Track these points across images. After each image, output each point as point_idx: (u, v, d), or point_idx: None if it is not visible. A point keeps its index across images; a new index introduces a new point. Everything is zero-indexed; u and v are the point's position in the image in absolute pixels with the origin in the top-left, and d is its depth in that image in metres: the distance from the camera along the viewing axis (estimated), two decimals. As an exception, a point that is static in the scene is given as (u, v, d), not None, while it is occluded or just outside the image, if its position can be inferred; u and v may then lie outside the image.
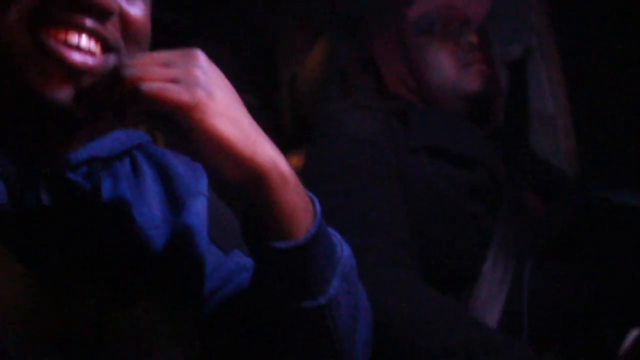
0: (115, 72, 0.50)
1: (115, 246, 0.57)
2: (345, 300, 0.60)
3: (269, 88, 1.94)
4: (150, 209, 0.62)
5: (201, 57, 0.53)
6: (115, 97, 0.50)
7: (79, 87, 0.51)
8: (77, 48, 0.51)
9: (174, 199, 0.64)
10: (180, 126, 0.50)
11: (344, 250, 0.62)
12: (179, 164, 0.68)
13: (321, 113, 1.23)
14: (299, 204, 0.56)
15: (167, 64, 0.51)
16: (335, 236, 0.63)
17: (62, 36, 0.50)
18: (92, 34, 0.51)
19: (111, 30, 0.53)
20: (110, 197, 0.59)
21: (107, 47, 0.53)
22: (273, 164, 0.54)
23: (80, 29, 0.51)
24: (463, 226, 1.02)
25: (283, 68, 1.91)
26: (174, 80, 0.50)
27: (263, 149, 0.53)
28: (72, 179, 0.56)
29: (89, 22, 0.51)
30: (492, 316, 0.95)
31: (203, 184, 0.68)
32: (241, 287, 0.65)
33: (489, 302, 0.96)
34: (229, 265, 0.67)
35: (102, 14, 0.52)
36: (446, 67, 1.15)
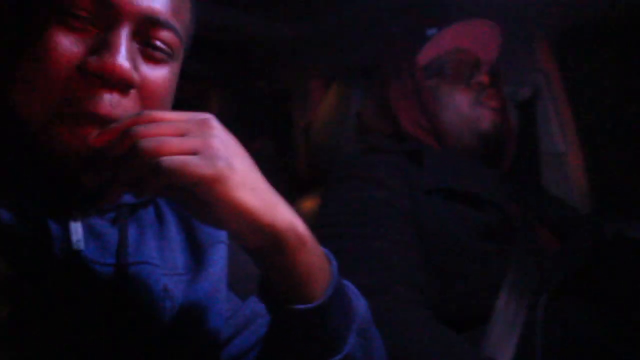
0: (129, 142, 0.49)
1: (138, 294, 0.58)
2: (361, 355, 0.60)
3: (285, 134, 1.98)
4: (174, 256, 0.64)
5: (217, 126, 0.52)
6: (131, 171, 0.49)
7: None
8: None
9: (196, 247, 0.66)
10: (199, 198, 0.49)
11: (360, 305, 0.62)
12: None
13: (337, 157, 1.26)
14: (315, 264, 0.55)
15: (183, 133, 0.50)
16: (352, 291, 0.63)
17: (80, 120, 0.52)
18: (110, 120, 0.52)
19: (129, 103, 0.54)
20: (135, 242, 0.60)
21: None
22: (291, 228, 0.52)
23: (99, 123, 0.52)
24: (476, 266, 1.03)
25: (298, 114, 1.96)
26: (193, 152, 0.48)
27: (282, 214, 0.52)
28: (99, 224, 0.58)
29: (107, 104, 0.52)
30: (505, 354, 0.94)
31: (224, 232, 0.69)
32: (256, 335, 0.66)
33: (502, 340, 0.96)
34: (245, 312, 0.68)
35: (125, 88, 0.53)
36: (458, 106, 1.19)
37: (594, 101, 1.47)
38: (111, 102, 0.52)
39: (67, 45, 0.51)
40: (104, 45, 0.52)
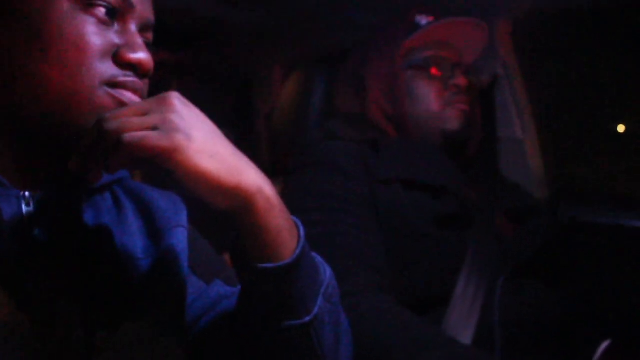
0: (99, 127, 0.54)
1: (99, 275, 0.59)
2: (329, 319, 0.63)
3: (246, 122, 1.96)
4: (133, 242, 0.64)
5: (176, 102, 0.55)
6: (100, 149, 0.54)
7: None
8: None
9: (155, 231, 0.66)
10: (163, 168, 0.53)
11: (326, 272, 0.66)
12: (159, 198, 0.70)
13: (297, 144, 1.25)
14: (284, 227, 0.58)
15: (144, 113, 0.54)
16: (318, 259, 0.66)
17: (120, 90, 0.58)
18: (138, 92, 0.60)
19: (143, 88, 0.61)
20: (93, 228, 0.61)
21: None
22: (258, 190, 0.56)
23: (133, 91, 0.59)
24: (435, 253, 1.04)
25: (260, 101, 1.94)
26: (153, 128, 0.53)
27: (247, 176, 0.56)
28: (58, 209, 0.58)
29: (138, 84, 0.59)
30: (465, 336, 0.97)
31: (183, 217, 0.70)
32: (223, 314, 0.67)
33: (462, 322, 0.98)
34: (211, 294, 0.69)
35: (145, 77, 0.60)
36: (430, 103, 1.17)
37: (551, 89, 1.51)
38: (138, 87, 0.59)
39: (99, 33, 0.57)
40: (132, 41, 0.59)
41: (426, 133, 1.18)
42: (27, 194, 0.57)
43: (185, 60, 1.92)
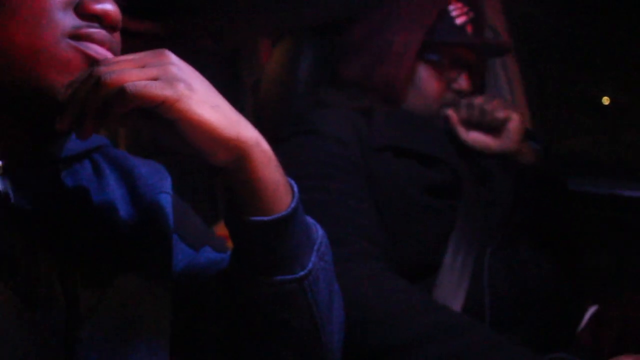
0: (93, 79, 0.52)
1: (81, 240, 0.58)
2: (323, 277, 0.63)
3: (231, 94, 1.94)
4: (115, 207, 0.63)
5: (172, 55, 0.55)
6: (97, 101, 0.52)
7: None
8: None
9: (138, 198, 0.66)
10: (164, 120, 0.53)
11: (318, 230, 0.66)
12: (141, 166, 0.69)
13: (286, 114, 1.23)
14: (280, 181, 0.59)
15: (142, 65, 0.54)
16: (310, 219, 0.67)
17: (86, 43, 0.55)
18: (106, 45, 0.57)
19: (116, 41, 0.58)
20: (72, 195, 0.60)
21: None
22: (256, 142, 0.57)
23: (101, 43, 0.56)
24: (425, 221, 1.04)
25: (246, 74, 1.92)
26: (154, 79, 0.53)
27: (246, 129, 0.56)
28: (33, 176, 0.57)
29: (106, 37, 0.56)
30: (455, 305, 0.97)
31: (167, 184, 0.69)
32: (214, 278, 0.67)
33: (452, 290, 0.98)
34: (200, 260, 0.69)
35: (114, 30, 0.58)
36: (429, 99, 1.15)
37: (541, 56, 1.50)
38: (106, 39, 0.56)
39: None
40: None
41: (419, 112, 1.16)
42: None
43: (169, 31, 1.89)
